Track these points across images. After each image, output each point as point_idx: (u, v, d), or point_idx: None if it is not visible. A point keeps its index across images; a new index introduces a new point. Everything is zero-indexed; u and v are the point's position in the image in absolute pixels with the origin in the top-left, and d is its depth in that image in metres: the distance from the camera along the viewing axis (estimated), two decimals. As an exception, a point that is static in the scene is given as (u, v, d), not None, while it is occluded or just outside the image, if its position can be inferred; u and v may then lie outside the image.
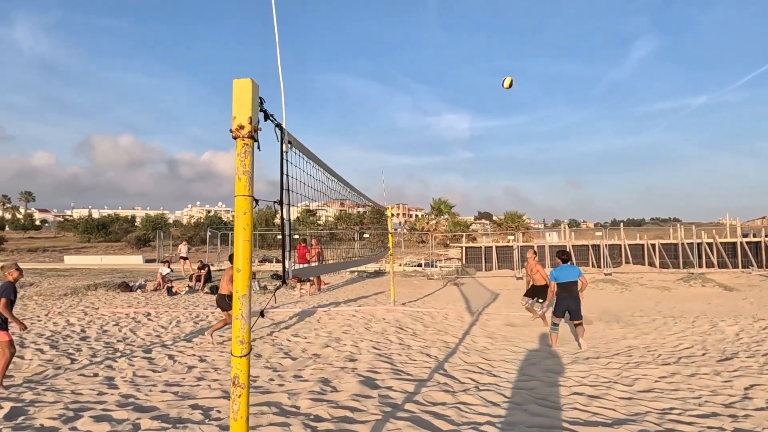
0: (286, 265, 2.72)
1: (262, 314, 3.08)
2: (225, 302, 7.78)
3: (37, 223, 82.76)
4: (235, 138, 2.24)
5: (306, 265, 12.21)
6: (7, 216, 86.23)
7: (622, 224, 25.68)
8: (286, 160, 2.84)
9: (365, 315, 10.23)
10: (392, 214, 13.00)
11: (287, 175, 2.81)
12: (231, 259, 8.42)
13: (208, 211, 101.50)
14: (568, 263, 7.60)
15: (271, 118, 2.60)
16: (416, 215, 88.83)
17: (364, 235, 28.99)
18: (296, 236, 28.98)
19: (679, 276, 17.77)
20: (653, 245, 21.61)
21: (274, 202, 2.68)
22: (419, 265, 23.97)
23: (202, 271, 15.94)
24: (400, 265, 24.12)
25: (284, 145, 2.82)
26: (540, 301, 9.33)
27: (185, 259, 21.14)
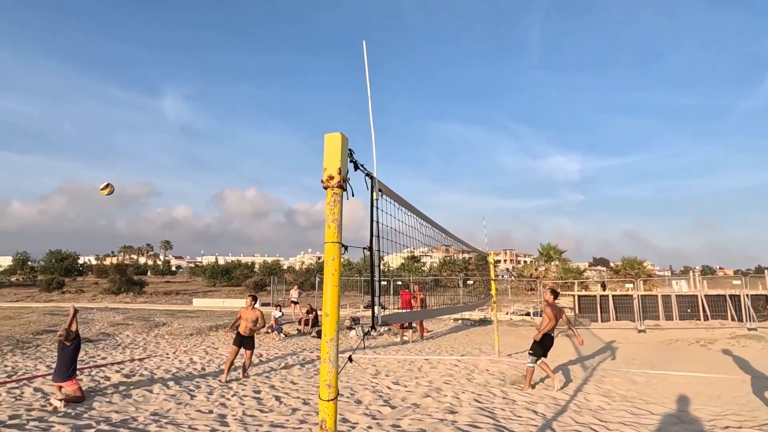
0: (375, 311, 2.75)
1: (350, 359, 3.12)
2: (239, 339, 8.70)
3: (173, 268, 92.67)
4: (325, 188, 2.37)
5: (406, 311, 12.20)
6: (149, 262, 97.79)
7: (767, 271, 22.38)
8: (377, 208, 2.94)
9: (468, 365, 9.87)
10: (495, 260, 12.64)
11: (377, 222, 2.89)
12: (255, 298, 9.21)
13: (318, 258, 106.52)
14: None
15: (361, 168, 2.73)
16: (524, 261, 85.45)
17: (468, 282, 28.34)
18: (399, 282, 29.14)
19: None
20: (810, 296, 18.49)
21: (364, 248, 2.76)
22: (527, 314, 22.77)
23: (310, 315, 16.58)
24: (507, 314, 23.10)
25: (374, 193, 2.93)
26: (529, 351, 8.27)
27: (296, 303, 22.20)
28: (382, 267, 3.14)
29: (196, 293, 41.01)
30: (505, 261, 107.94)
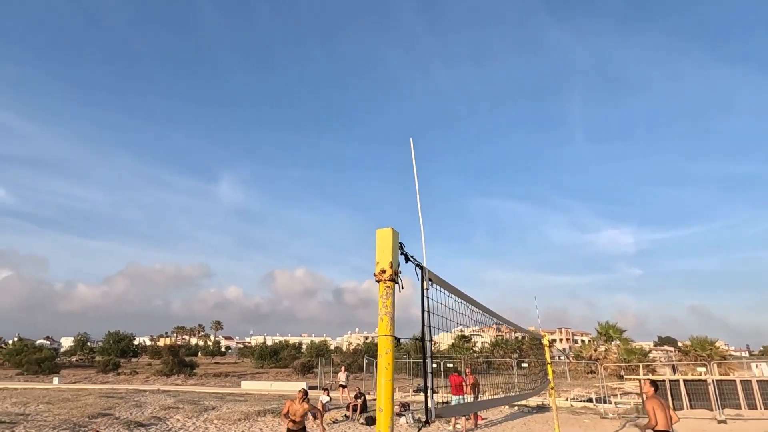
0: (429, 404, 2.72)
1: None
2: None
3: (223, 349, 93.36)
4: (378, 281, 2.47)
5: (459, 398, 11.70)
6: (201, 343, 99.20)
7: None
8: (427, 297, 2.99)
9: (527, 459, 9.18)
10: (551, 340, 12.06)
11: (429, 312, 2.93)
12: (306, 393, 8.64)
13: (366, 338, 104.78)
14: None
15: (411, 259, 2.83)
16: (582, 341, 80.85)
17: (523, 364, 26.93)
18: (450, 364, 28.08)
19: None
20: None
21: (416, 339, 2.78)
22: (589, 400, 21.17)
23: (359, 400, 16.10)
24: (567, 400, 21.58)
25: (425, 283, 3.00)
26: None
27: (344, 387, 21.67)
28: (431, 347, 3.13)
29: (244, 375, 40.87)
30: (560, 340, 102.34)
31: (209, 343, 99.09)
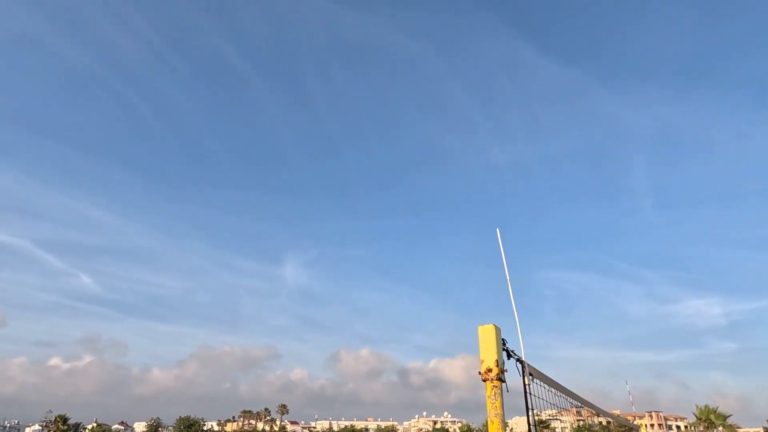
0: None
1: None
2: None
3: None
4: (484, 380, 2.44)
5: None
6: (266, 428, 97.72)
7: None
8: (530, 393, 2.90)
9: None
10: (640, 424, 10.91)
11: (533, 410, 2.83)
12: None
13: (434, 422, 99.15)
14: None
15: (512, 354, 2.79)
16: (677, 427, 72.71)
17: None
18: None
19: None
20: None
21: (524, 441, 2.67)
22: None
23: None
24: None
25: (526, 378, 2.92)
26: None
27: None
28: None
29: (311, 464, 39.49)
30: (652, 426, 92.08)
31: (275, 427, 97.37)
